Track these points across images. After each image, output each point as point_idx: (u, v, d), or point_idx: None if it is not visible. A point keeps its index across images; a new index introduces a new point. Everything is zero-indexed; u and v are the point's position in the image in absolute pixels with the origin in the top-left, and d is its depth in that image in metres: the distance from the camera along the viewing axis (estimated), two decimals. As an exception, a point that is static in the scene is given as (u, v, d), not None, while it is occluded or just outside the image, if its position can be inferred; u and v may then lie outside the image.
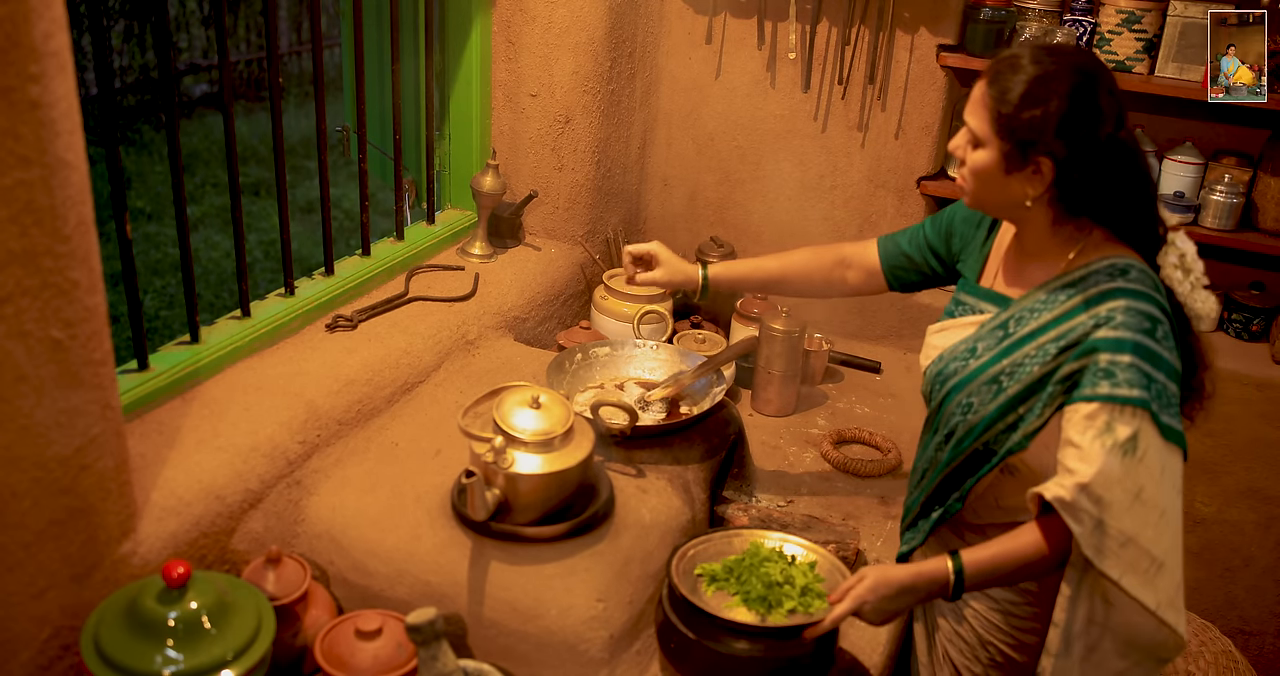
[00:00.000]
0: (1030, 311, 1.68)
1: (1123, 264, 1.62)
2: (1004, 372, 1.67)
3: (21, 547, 1.45)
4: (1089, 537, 1.53)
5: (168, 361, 2.01)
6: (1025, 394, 1.65)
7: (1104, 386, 1.54)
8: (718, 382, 2.26)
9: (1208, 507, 2.86)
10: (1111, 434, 1.53)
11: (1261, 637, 2.90)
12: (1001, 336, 1.70)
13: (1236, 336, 2.88)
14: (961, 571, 1.62)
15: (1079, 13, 2.74)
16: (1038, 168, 1.57)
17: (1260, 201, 2.73)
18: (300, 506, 1.89)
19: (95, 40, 1.87)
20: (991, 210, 1.73)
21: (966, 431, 1.73)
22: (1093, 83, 1.54)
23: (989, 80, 1.60)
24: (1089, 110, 1.53)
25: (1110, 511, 1.52)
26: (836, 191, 3.00)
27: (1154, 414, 1.54)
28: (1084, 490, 1.52)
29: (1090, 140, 1.54)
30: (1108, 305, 1.58)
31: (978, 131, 1.61)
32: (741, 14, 2.94)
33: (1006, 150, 1.58)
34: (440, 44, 2.76)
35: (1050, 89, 1.53)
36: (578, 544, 1.80)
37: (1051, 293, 1.66)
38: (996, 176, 1.61)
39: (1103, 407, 1.54)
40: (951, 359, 1.77)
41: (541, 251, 2.88)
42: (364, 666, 1.61)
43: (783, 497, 2.30)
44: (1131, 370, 1.53)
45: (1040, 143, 1.55)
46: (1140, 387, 1.53)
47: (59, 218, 1.37)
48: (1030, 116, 1.54)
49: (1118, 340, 1.55)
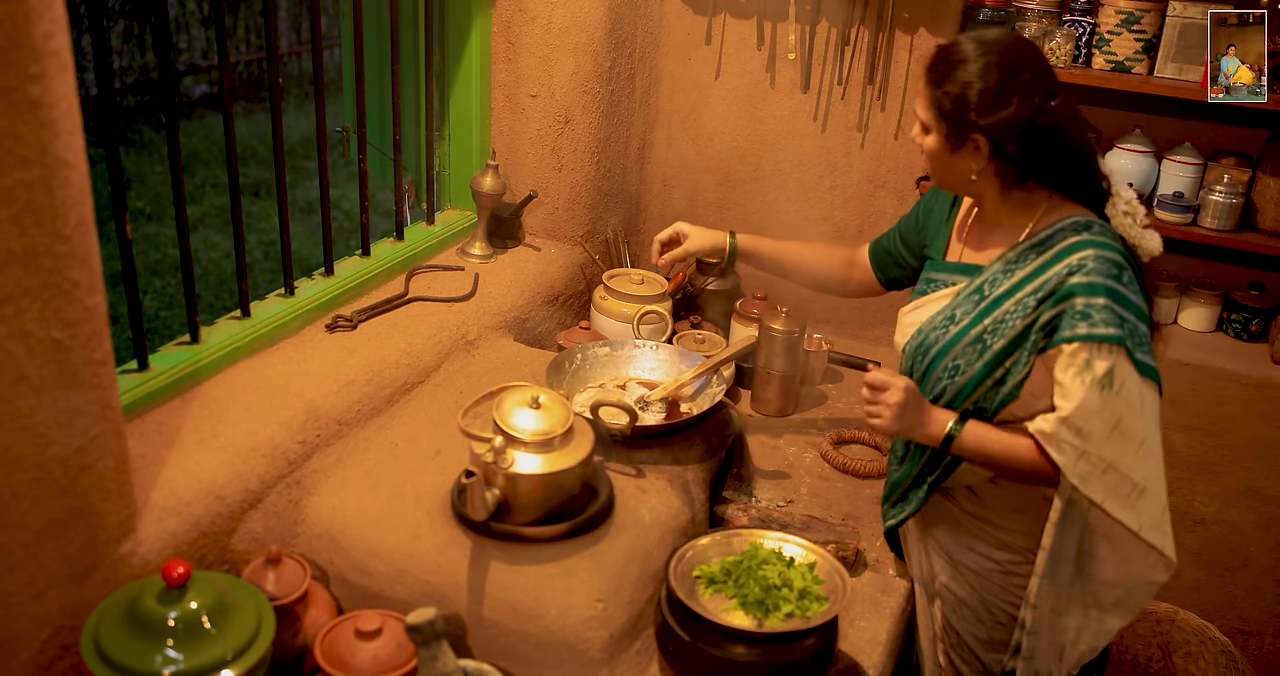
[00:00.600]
0: (1003, 273, 1.82)
1: (1084, 220, 1.78)
2: (987, 331, 1.80)
3: (21, 547, 1.45)
4: (1072, 466, 1.69)
5: (168, 361, 2.01)
6: (1010, 347, 1.77)
7: (1082, 327, 1.68)
8: (717, 383, 2.26)
9: (1207, 507, 2.86)
10: (1090, 370, 1.67)
11: (1261, 637, 2.91)
12: (978, 300, 1.83)
13: (1236, 337, 2.88)
14: (957, 434, 1.79)
15: (1078, 13, 2.74)
16: (976, 145, 1.76)
17: (1259, 201, 2.73)
18: (300, 506, 1.89)
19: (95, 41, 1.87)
20: (950, 187, 1.91)
21: (956, 393, 1.83)
22: (1016, 65, 1.71)
23: (927, 71, 1.79)
24: (1012, 90, 1.70)
25: (1091, 441, 1.68)
26: (836, 192, 3.00)
27: (1129, 350, 1.67)
28: (1064, 422, 1.69)
29: (1017, 116, 1.71)
30: (1078, 255, 1.72)
31: (923, 119, 1.81)
32: (741, 14, 2.95)
33: (946, 132, 1.77)
34: (440, 44, 2.76)
35: (977, 73, 1.71)
36: (577, 544, 1.80)
37: (1021, 253, 1.80)
38: (944, 157, 1.81)
39: (1082, 347, 1.68)
40: (930, 329, 1.89)
41: (541, 252, 2.88)
42: (364, 666, 1.61)
43: (782, 498, 2.30)
44: (1106, 311, 1.67)
45: (972, 122, 1.73)
46: (1115, 326, 1.67)
47: (59, 218, 1.37)
48: (962, 99, 1.72)
49: (1091, 285, 1.69)
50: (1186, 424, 2.81)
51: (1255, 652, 2.89)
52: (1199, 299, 2.90)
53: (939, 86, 1.75)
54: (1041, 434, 1.71)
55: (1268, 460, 2.76)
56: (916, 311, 1.94)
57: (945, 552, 1.98)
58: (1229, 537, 2.86)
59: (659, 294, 2.71)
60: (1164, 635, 2.73)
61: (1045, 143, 1.73)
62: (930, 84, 1.77)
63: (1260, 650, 2.90)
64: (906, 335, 1.94)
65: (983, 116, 1.71)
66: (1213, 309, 2.90)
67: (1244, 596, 2.89)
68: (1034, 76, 1.71)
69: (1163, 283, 2.89)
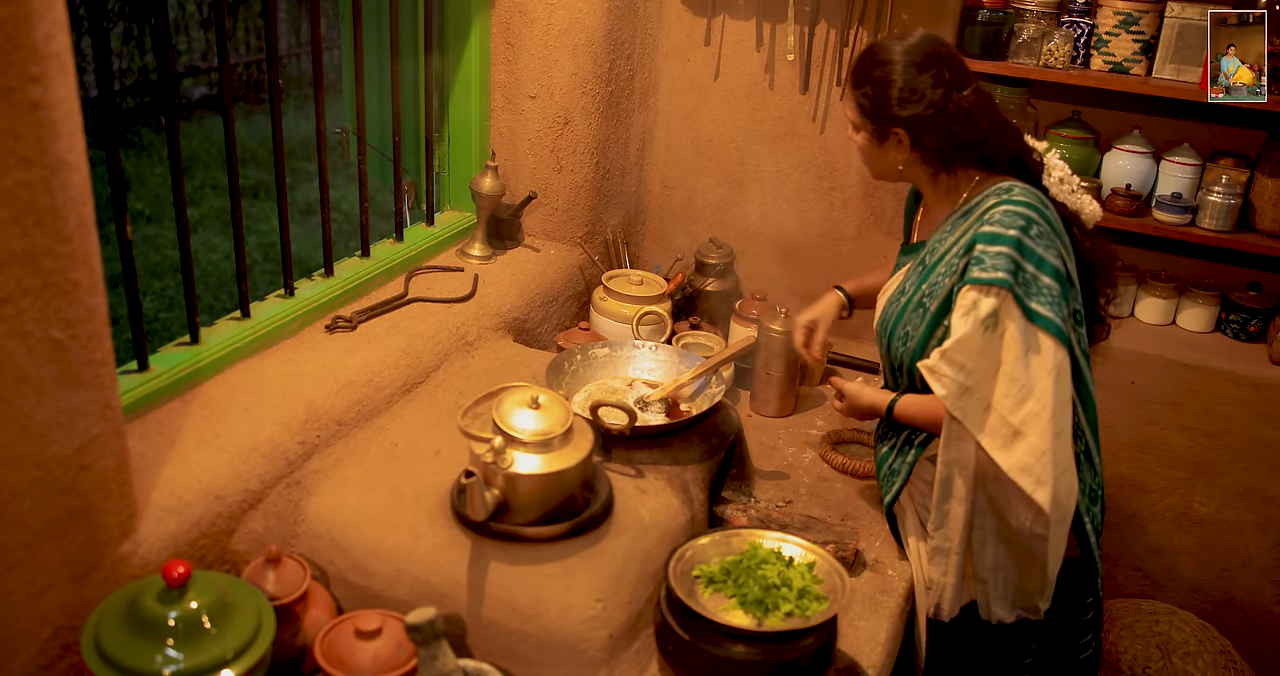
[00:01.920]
0: (939, 242, 1.97)
1: (1007, 185, 1.91)
2: (925, 295, 1.96)
3: (22, 547, 1.46)
4: (953, 400, 1.83)
5: (168, 362, 2.01)
6: (945, 306, 1.91)
7: (975, 271, 1.81)
8: (716, 383, 2.26)
9: (1206, 508, 2.86)
10: (975, 311, 1.80)
11: (1260, 637, 2.91)
12: (921, 270, 2.00)
13: (1234, 337, 2.88)
14: (892, 408, 2.05)
15: (1076, 14, 2.74)
16: (898, 137, 1.94)
17: (1257, 202, 2.74)
18: (300, 506, 1.89)
19: (95, 42, 1.87)
20: (884, 178, 2.07)
21: (910, 357, 1.99)
22: (927, 62, 1.88)
23: (851, 74, 1.99)
24: (921, 83, 1.88)
25: (974, 378, 1.81)
26: (835, 192, 3.01)
27: (1017, 296, 1.78)
28: (944, 355, 1.83)
29: (929, 109, 1.89)
30: (990, 211, 1.86)
31: (852, 118, 2.01)
32: (740, 16, 2.95)
33: (871, 129, 1.97)
34: (439, 46, 2.76)
35: (888, 73, 1.90)
36: (577, 544, 1.80)
37: (954, 223, 1.96)
38: (874, 150, 2.01)
39: (972, 289, 1.81)
40: (888, 305, 2.07)
41: (540, 253, 2.88)
42: (364, 666, 1.61)
43: (781, 498, 2.30)
44: (1000, 258, 1.79)
45: (890, 117, 1.92)
46: (1005, 272, 1.78)
47: (60, 218, 1.37)
48: (877, 99, 1.92)
49: (991, 234, 1.82)
50: (1185, 424, 2.81)
51: (1254, 653, 2.89)
52: (1197, 299, 2.90)
53: (858, 87, 1.95)
54: (925, 367, 1.87)
55: (1266, 460, 2.76)
56: (884, 295, 2.13)
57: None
58: (1227, 538, 2.86)
59: (658, 295, 2.71)
60: (1163, 635, 2.73)
61: (958, 128, 1.90)
62: (852, 85, 1.97)
63: (1260, 650, 2.90)
64: (876, 316, 2.12)
65: (899, 111, 1.90)
66: (1211, 309, 2.90)
67: (1243, 596, 2.90)
68: (943, 71, 1.88)
69: (1159, 282, 2.89)
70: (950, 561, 1.94)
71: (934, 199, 2.05)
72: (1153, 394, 2.82)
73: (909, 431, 2.09)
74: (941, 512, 1.93)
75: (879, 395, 2.09)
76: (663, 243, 3.29)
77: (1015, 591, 1.95)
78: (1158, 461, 2.87)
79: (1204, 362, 2.77)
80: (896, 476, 2.11)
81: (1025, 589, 1.94)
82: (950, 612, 1.98)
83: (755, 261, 3.15)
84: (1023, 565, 1.92)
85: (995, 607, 1.97)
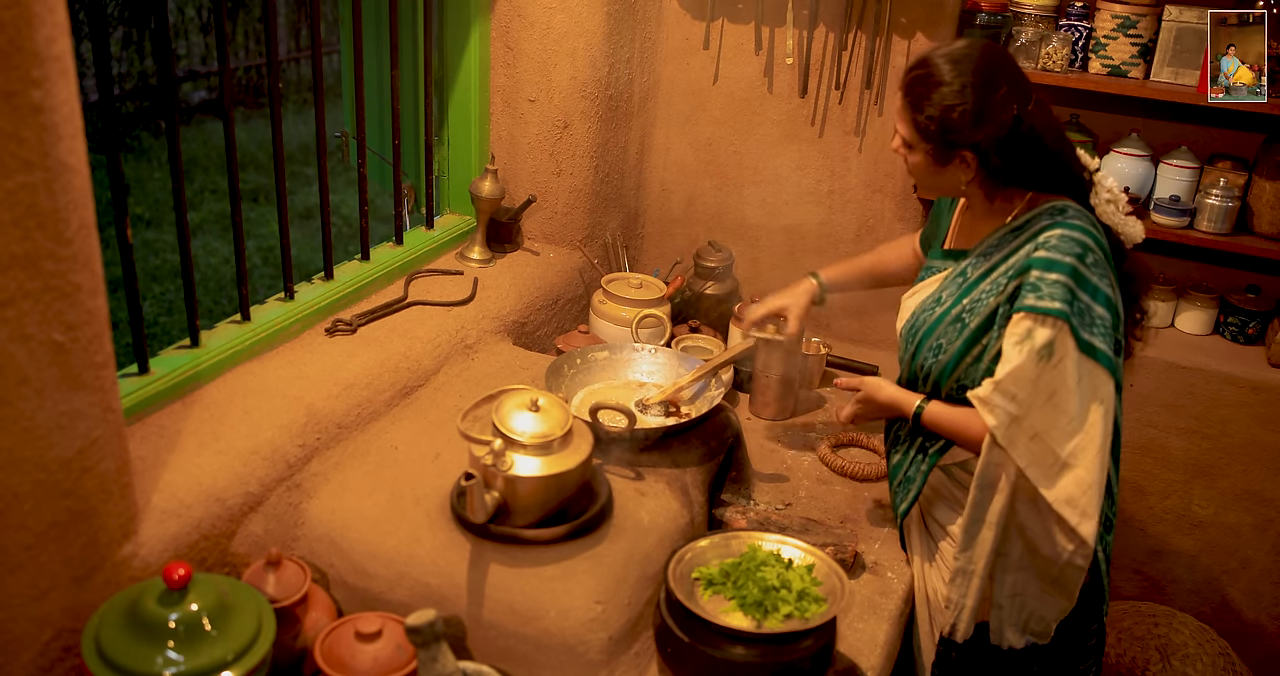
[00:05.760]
0: (983, 256, 1.91)
1: (1060, 205, 1.85)
2: (965, 310, 1.89)
3: (23, 549, 1.46)
4: (1002, 428, 1.77)
5: (168, 365, 2.01)
6: (985, 324, 1.86)
7: (1030, 298, 1.76)
8: (716, 386, 2.26)
9: (1204, 510, 2.87)
10: (1030, 340, 1.74)
11: (1259, 639, 2.91)
12: (961, 282, 1.93)
13: (1233, 339, 2.89)
14: (921, 411, 1.96)
15: (1074, 17, 2.75)
16: (962, 159, 1.83)
17: (1255, 205, 2.74)
18: (300, 509, 1.89)
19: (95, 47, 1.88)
20: (938, 194, 2.01)
21: (940, 370, 1.93)
22: (993, 78, 1.78)
23: (904, 92, 1.85)
24: (992, 105, 1.77)
25: (1024, 407, 1.76)
26: (834, 196, 3.01)
27: (1073, 327, 1.73)
28: (997, 386, 1.78)
29: (999, 129, 1.78)
30: (1045, 234, 1.80)
31: (906, 138, 1.88)
32: (739, 19, 2.96)
33: (931, 151, 1.85)
34: (439, 50, 2.77)
35: (955, 93, 1.78)
36: (576, 546, 1.80)
37: (1001, 238, 1.89)
38: (931, 170, 1.89)
39: (1026, 316, 1.76)
40: (921, 312, 2.00)
41: (540, 256, 2.89)
42: (364, 668, 1.61)
43: (781, 500, 2.30)
44: (1056, 286, 1.74)
45: (957, 140, 1.80)
46: (1062, 301, 1.73)
47: (61, 221, 1.38)
48: (944, 121, 1.79)
49: (1048, 260, 1.76)
50: (1183, 426, 2.82)
51: (1254, 654, 2.89)
52: (1195, 302, 2.91)
53: (920, 111, 1.81)
54: (976, 398, 1.81)
55: (1265, 462, 2.77)
56: (913, 297, 2.05)
57: (944, 529, 2.04)
58: (1226, 540, 2.87)
59: (657, 298, 2.72)
60: (1162, 638, 2.74)
61: (1027, 149, 1.81)
62: (910, 107, 1.83)
63: (1259, 652, 2.91)
64: (903, 319, 2.05)
65: (967, 135, 1.79)
66: (1209, 312, 2.91)
67: (1242, 598, 2.90)
68: (1010, 87, 1.78)
69: (1157, 285, 2.90)
70: (972, 584, 1.91)
71: (979, 211, 1.97)
72: (1151, 396, 2.82)
73: (923, 438, 2.03)
74: (970, 535, 1.88)
75: (903, 395, 2.00)
76: (662, 246, 3.29)
77: (1030, 617, 1.92)
78: (1156, 464, 2.88)
79: (1202, 365, 2.77)
80: (911, 484, 2.06)
81: (1043, 616, 1.91)
82: (965, 634, 1.95)
83: (754, 264, 3.16)
84: (1046, 593, 1.89)
85: (1007, 632, 1.94)
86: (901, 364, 2.08)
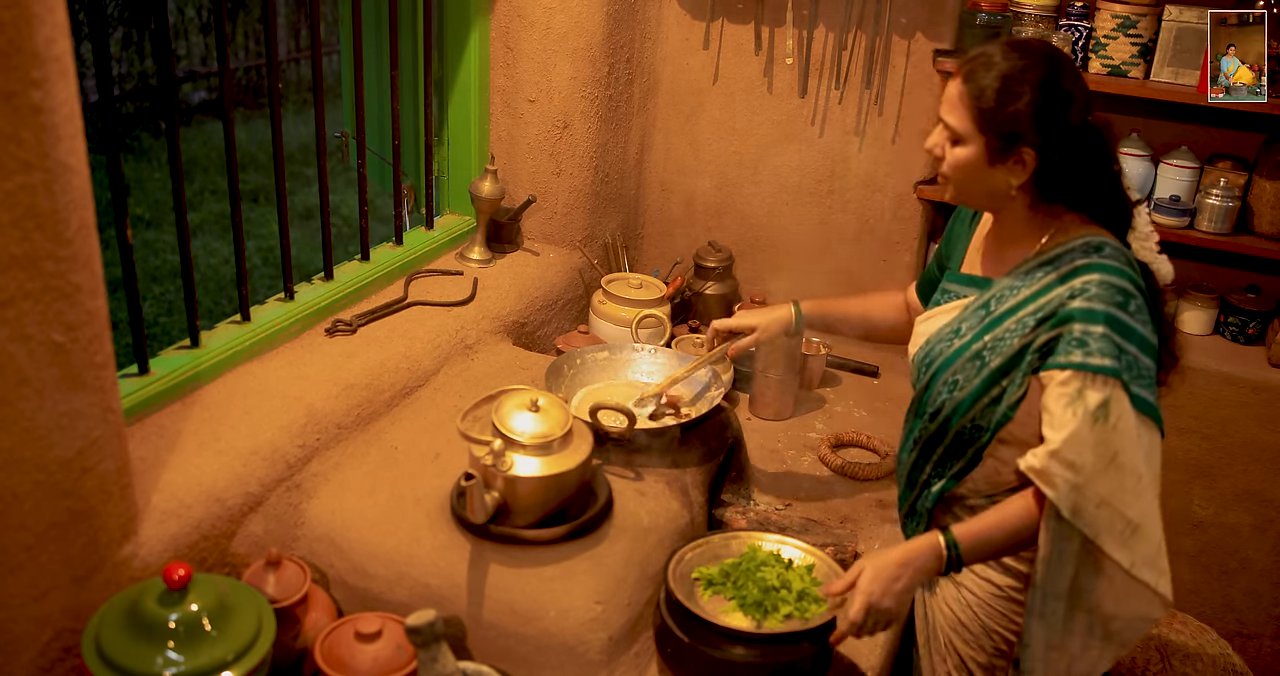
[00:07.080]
0: (1010, 290, 1.75)
1: (1097, 241, 1.69)
2: (986, 348, 1.75)
3: (23, 550, 1.46)
4: (1065, 499, 1.61)
5: (168, 365, 2.01)
6: (1007, 366, 1.72)
7: (1077, 355, 1.61)
8: (716, 386, 2.26)
9: (1204, 510, 2.87)
10: (1082, 401, 1.60)
11: (1259, 640, 2.91)
12: (983, 315, 1.78)
13: (1233, 339, 2.89)
14: (955, 543, 1.69)
15: (1074, 17, 2.75)
16: (1020, 158, 1.66)
17: (1255, 205, 2.74)
18: (300, 509, 1.89)
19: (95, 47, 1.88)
20: (974, 202, 1.82)
21: (954, 408, 1.79)
22: (1060, 73, 1.64)
23: (964, 78, 1.67)
24: (1061, 99, 1.63)
25: (1085, 474, 1.60)
26: (834, 196, 3.01)
27: (1125, 384, 1.60)
28: (1054, 456, 1.61)
29: (1065, 127, 1.63)
30: (1083, 278, 1.65)
31: (959, 128, 1.69)
32: (739, 19, 2.96)
33: (989, 144, 1.66)
34: (439, 50, 2.77)
35: (1025, 82, 1.62)
36: (576, 546, 1.80)
37: (1030, 271, 1.74)
38: (980, 169, 1.69)
39: (1075, 375, 1.61)
40: (938, 341, 1.84)
41: (540, 256, 2.89)
42: (364, 668, 1.61)
43: (781, 501, 2.31)
44: (1104, 340, 1.60)
45: (1021, 134, 1.64)
46: (1112, 357, 1.60)
47: (61, 222, 1.38)
48: (1011, 110, 1.63)
49: (1090, 311, 1.62)
50: (1184, 427, 2.81)
51: (1254, 655, 2.89)
52: (1196, 302, 2.91)
53: (982, 98, 1.64)
54: (1032, 470, 1.64)
55: (1265, 463, 2.76)
56: (928, 322, 1.91)
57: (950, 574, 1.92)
58: (1226, 540, 2.86)
59: (657, 298, 2.72)
60: (1162, 638, 2.74)
61: (1087, 155, 1.68)
62: (971, 94, 1.66)
63: (1258, 652, 2.91)
64: (917, 345, 1.91)
65: (1036, 128, 1.63)
66: (1210, 312, 2.91)
67: (1242, 599, 2.90)
68: (1078, 85, 1.65)
69: None
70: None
71: (1013, 232, 1.80)
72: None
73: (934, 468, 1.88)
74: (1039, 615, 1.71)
75: (915, 544, 1.71)
76: (662, 246, 3.29)
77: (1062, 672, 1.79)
78: (1156, 464, 2.88)
79: (1203, 365, 2.77)
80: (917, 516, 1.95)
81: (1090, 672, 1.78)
82: None
83: (754, 265, 3.16)
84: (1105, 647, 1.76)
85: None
86: (914, 388, 1.94)
